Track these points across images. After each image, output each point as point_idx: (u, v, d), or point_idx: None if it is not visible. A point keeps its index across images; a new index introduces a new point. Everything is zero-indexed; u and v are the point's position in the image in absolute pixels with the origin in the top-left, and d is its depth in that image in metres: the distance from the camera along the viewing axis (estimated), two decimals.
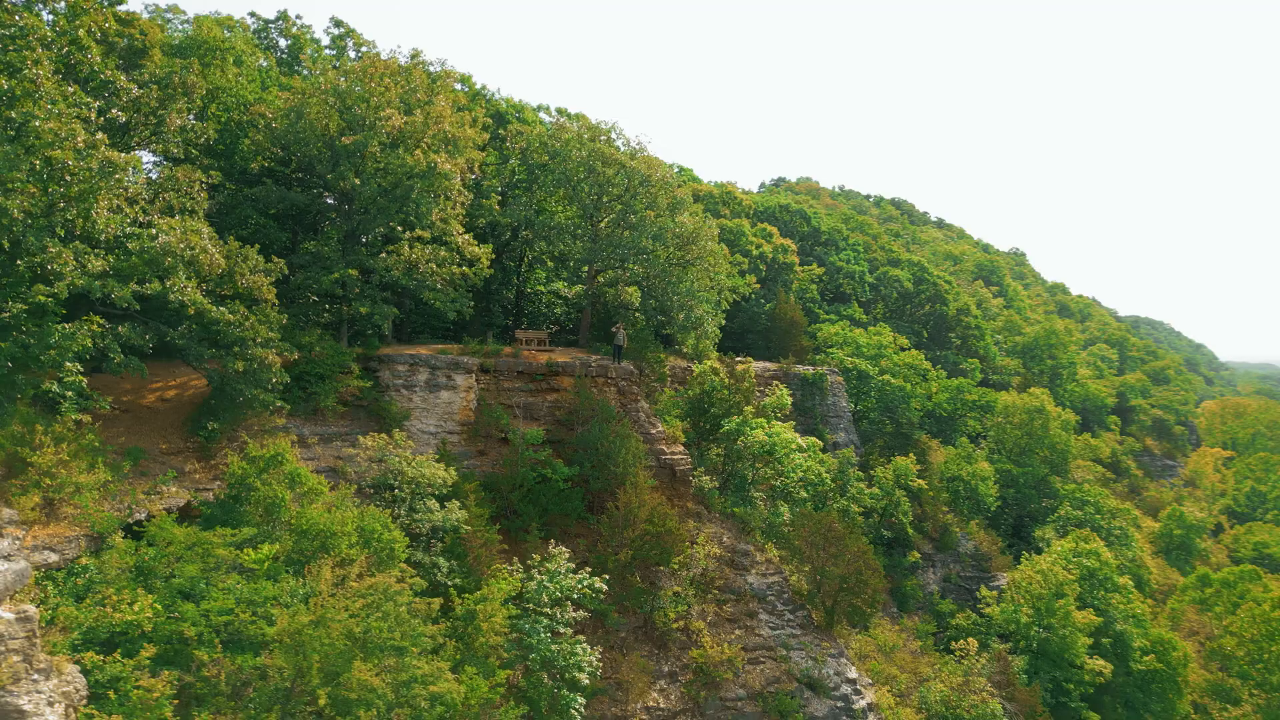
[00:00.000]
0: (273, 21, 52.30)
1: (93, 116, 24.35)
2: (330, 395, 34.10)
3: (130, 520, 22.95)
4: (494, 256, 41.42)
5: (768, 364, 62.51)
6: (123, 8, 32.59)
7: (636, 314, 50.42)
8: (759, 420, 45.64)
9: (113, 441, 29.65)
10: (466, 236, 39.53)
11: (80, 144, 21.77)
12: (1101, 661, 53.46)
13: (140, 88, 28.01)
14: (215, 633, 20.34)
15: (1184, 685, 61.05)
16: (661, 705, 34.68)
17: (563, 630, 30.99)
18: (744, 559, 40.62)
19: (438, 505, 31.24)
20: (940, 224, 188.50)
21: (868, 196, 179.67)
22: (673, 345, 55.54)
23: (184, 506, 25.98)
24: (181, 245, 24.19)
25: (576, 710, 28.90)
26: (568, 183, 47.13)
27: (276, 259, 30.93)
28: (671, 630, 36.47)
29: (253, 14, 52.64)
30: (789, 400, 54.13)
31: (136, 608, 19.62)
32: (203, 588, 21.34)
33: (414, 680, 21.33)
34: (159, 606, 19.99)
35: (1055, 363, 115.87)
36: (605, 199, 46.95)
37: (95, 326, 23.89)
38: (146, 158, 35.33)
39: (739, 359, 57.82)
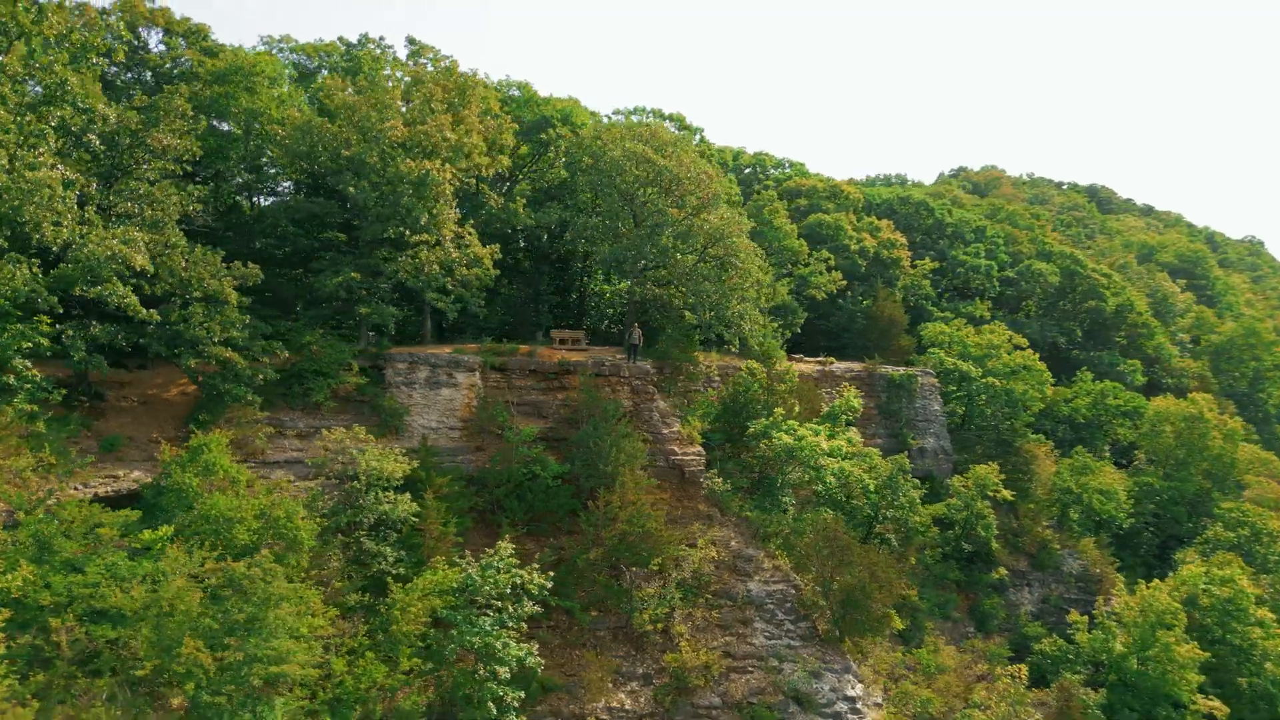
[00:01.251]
0: (354, 45, 56.13)
1: (52, 140, 27.42)
2: (324, 391, 36.28)
3: (50, 500, 25.66)
4: (499, 257, 42.29)
5: (852, 364, 59.63)
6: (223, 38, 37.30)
7: (685, 314, 49.76)
8: (789, 422, 43.79)
9: (119, 430, 33.37)
10: (472, 236, 40.80)
11: (4, 164, 24.68)
12: (1217, 702, 46.79)
13: (122, 113, 31.13)
14: (81, 603, 22.44)
15: None
16: (628, 707, 34.19)
17: (511, 624, 31.24)
18: (747, 564, 39.18)
19: (392, 496, 32.51)
20: (1147, 211, 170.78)
21: (1059, 184, 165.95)
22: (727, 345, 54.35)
23: (133, 491, 28.72)
24: (107, 254, 26.83)
25: (495, 703, 29.09)
26: (607, 185, 47.29)
27: (253, 264, 33.35)
28: (649, 632, 35.86)
29: (341, 38, 56.81)
30: (858, 403, 51.43)
31: (10, 576, 22.01)
32: (94, 562, 23.61)
33: (254, 660, 22.51)
34: (31, 576, 22.33)
35: (1259, 364, 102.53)
36: (639, 199, 46.74)
37: (45, 327, 27.02)
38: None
39: (813, 359, 55.76)
